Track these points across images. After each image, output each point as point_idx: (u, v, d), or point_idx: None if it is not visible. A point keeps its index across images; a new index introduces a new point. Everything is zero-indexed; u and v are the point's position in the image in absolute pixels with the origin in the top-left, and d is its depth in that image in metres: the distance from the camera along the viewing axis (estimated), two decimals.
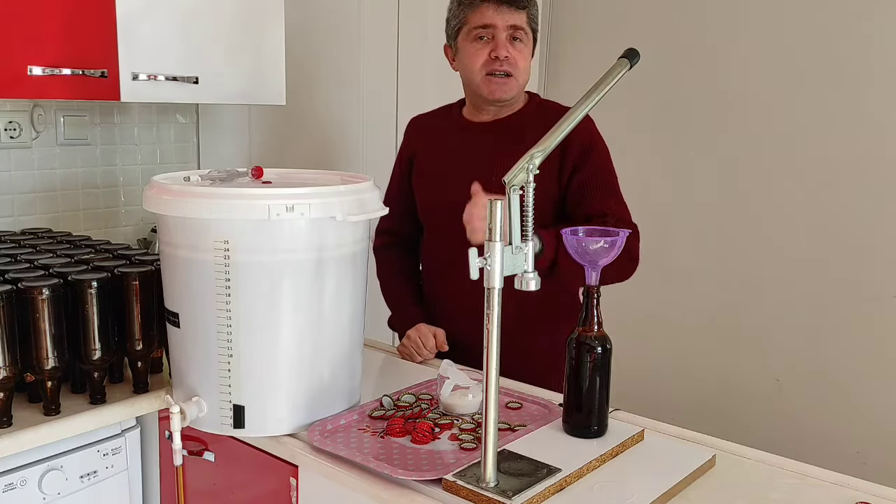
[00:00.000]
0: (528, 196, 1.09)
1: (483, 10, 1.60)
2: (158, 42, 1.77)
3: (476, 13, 1.61)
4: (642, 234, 1.60)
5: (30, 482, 1.33)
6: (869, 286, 2.41)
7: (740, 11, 2.57)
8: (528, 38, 1.64)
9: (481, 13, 1.60)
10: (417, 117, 1.87)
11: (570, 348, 1.23)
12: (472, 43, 1.63)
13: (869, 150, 2.38)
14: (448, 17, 1.69)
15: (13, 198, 2.00)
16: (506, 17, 1.59)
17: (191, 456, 1.43)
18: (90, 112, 2.13)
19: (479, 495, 1.05)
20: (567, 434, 1.24)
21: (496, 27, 1.60)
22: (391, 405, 1.37)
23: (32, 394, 1.38)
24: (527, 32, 1.63)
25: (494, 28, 1.60)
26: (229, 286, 1.22)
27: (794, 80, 2.48)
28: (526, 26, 1.62)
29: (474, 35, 1.62)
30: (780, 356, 2.59)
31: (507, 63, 1.60)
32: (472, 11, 1.62)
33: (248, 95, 1.99)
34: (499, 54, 1.59)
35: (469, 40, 1.63)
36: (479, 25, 1.61)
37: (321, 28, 2.35)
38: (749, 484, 1.15)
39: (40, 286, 1.28)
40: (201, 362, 1.27)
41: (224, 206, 1.20)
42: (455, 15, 1.67)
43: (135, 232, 2.28)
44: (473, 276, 1.02)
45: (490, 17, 1.59)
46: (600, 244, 1.18)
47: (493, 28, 1.60)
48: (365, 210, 1.28)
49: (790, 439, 2.51)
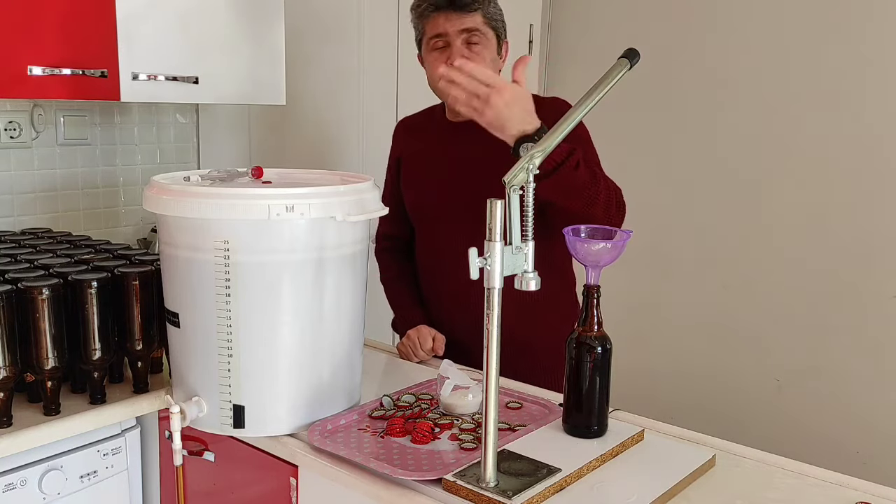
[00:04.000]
0: (528, 196, 1.09)
1: (435, 20, 1.60)
2: (158, 42, 1.77)
3: (430, 23, 1.62)
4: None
5: (30, 482, 1.33)
6: (869, 286, 2.41)
7: (740, 12, 2.57)
8: (488, 37, 1.62)
9: (434, 23, 1.61)
10: (404, 120, 1.88)
11: (570, 348, 1.23)
12: (431, 52, 1.63)
13: (869, 150, 2.38)
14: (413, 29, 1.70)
15: (13, 198, 2.00)
16: (455, 23, 1.58)
17: (191, 456, 1.43)
18: (90, 112, 2.13)
19: (479, 495, 1.05)
20: (567, 434, 1.24)
21: (449, 34, 1.59)
22: (391, 405, 1.37)
23: (32, 394, 1.38)
24: (484, 33, 1.61)
25: (448, 36, 1.59)
26: (229, 286, 1.22)
27: (794, 81, 2.48)
28: (482, 27, 1.60)
29: (432, 45, 1.63)
30: (780, 356, 2.59)
31: None
32: (426, 22, 1.63)
33: (248, 95, 1.99)
34: (452, 62, 1.57)
35: (429, 50, 1.64)
36: (433, 35, 1.61)
37: (321, 28, 2.35)
38: (749, 484, 1.15)
39: (40, 286, 1.28)
40: (201, 362, 1.28)
41: (224, 206, 1.20)
42: (415, 27, 1.68)
43: (135, 232, 2.28)
44: (473, 276, 1.02)
45: (441, 25, 1.59)
46: (602, 245, 1.18)
47: (447, 36, 1.60)
48: (365, 210, 1.28)
49: (790, 439, 2.51)
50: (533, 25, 2.92)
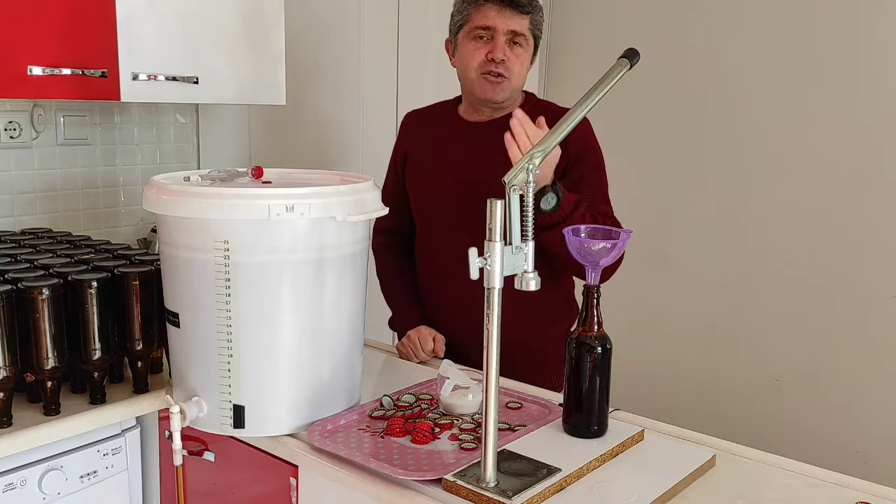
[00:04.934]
0: (528, 196, 1.09)
1: (486, 11, 1.60)
2: (158, 42, 1.77)
3: (479, 13, 1.61)
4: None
5: (30, 482, 1.32)
6: (869, 286, 2.41)
7: (740, 12, 2.57)
8: (529, 43, 1.63)
9: (484, 14, 1.60)
10: (413, 113, 1.87)
11: (570, 348, 1.23)
12: (471, 41, 1.63)
13: (869, 150, 2.38)
14: (452, 13, 1.69)
15: (13, 198, 2.00)
16: (507, 20, 1.59)
17: (191, 456, 1.43)
18: (90, 112, 2.13)
19: (479, 495, 1.05)
20: (567, 434, 1.24)
21: (496, 30, 1.59)
22: (391, 405, 1.37)
23: (32, 394, 1.38)
24: (527, 38, 1.62)
25: (495, 30, 1.60)
26: (229, 286, 1.22)
27: (795, 80, 2.48)
28: (527, 32, 1.62)
29: (475, 34, 1.62)
30: (780, 356, 2.59)
31: (503, 66, 1.60)
32: (475, 10, 1.62)
33: (248, 95, 1.99)
34: (495, 56, 1.59)
35: (469, 38, 1.63)
36: (480, 26, 1.61)
37: (321, 28, 2.35)
38: (749, 484, 1.15)
39: (40, 286, 1.28)
40: (201, 362, 1.28)
41: (224, 206, 1.19)
42: (459, 11, 1.67)
43: (135, 232, 2.28)
44: (473, 276, 1.02)
45: (492, 18, 1.59)
46: (602, 245, 1.18)
47: (494, 30, 1.60)
48: (365, 210, 1.28)
49: (790, 439, 2.51)
50: None
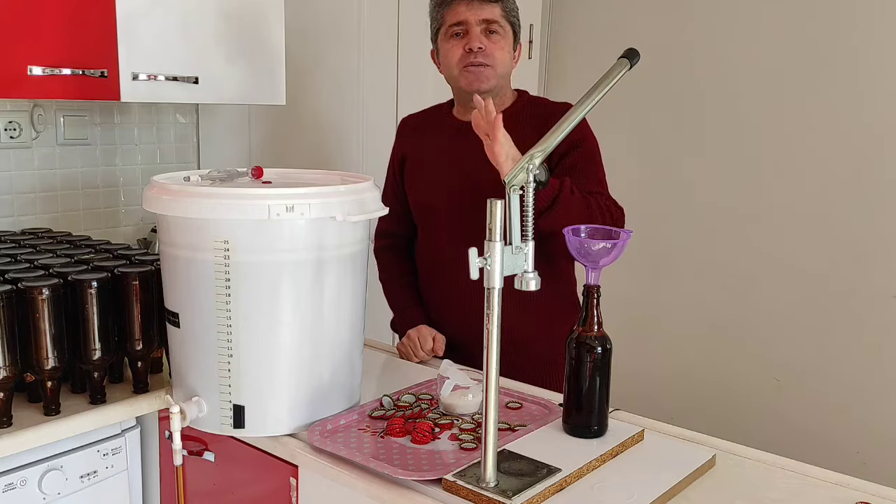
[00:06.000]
0: (528, 196, 1.09)
1: (456, 8, 1.63)
2: (158, 42, 1.77)
3: (450, 12, 1.64)
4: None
5: (30, 482, 1.32)
6: (869, 286, 2.41)
7: (740, 11, 2.57)
8: (506, 31, 1.65)
9: (455, 11, 1.63)
10: (408, 117, 1.88)
11: (570, 348, 1.23)
12: (449, 40, 1.66)
13: (869, 149, 2.38)
14: (430, 22, 1.72)
15: (13, 198, 2.00)
16: (478, 11, 1.62)
17: (191, 456, 1.43)
18: (90, 112, 2.13)
19: (479, 495, 1.05)
20: (567, 434, 1.24)
21: (469, 22, 1.62)
22: (391, 405, 1.37)
23: (32, 394, 1.38)
24: (502, 25, 1.64)
25: (468, 23, 1.62)
26: (229, 286, 1.22)
27: (794, 81, 2.48)
28: (501, 19, 1.64)
29: (451, 33, 1.65)
30: (780, 356, 2.59)
31: (482, 54, 1.62)
32: (447, 10, 1.65)
33: (248, 95, 1.99)
34: (472, 46, 1.61)
35: (447, 38, 1.66)
36: (453, 23, 1.64)
37: (321, 28, 2.35)
38: (749, 484, 1.15)
39: (40, 286, 1.28)
40: (201, 362, 1.27)
41: (224, 206, 1.19)
42: (434, 17, 1.70)
43: (135, 232, 2.28)
44: (473, 276, 1.02)
45: (463, 13, 1.62)
46: (602, 245, 1.18)
47: (467, 23, 1.62)
48: (365, 210, 1.28)
49: (790, 439, 2.51)
50: (533, 25, 2.92)
